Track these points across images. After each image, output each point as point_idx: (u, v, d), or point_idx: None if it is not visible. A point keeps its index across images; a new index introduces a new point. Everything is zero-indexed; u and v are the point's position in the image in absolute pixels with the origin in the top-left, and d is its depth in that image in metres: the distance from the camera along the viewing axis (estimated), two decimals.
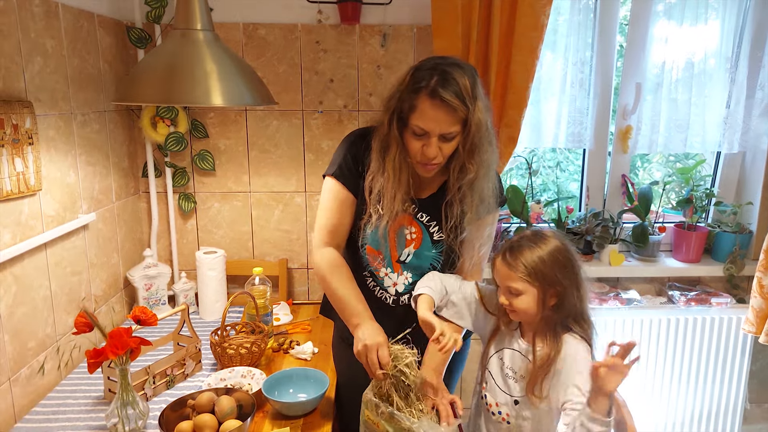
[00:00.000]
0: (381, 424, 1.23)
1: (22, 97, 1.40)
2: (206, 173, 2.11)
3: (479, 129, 1.23)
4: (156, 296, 2.01)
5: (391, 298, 1.43)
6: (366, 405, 1.28)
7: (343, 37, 2.01)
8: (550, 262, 1.20)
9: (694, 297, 2.14)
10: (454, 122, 1.20)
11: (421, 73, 1.21)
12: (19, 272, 1.40)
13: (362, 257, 1.42)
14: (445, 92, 1.17)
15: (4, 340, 1.35)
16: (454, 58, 1.26)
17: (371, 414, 1.26)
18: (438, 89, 1.17)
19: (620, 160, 2.22)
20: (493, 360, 1.32)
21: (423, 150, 1.24)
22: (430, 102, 1.18)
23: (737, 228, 2.17)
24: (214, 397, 1.30)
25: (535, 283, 1.20)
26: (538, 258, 1.20)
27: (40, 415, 1.39)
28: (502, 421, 1.28)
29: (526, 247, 1.22)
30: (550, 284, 1.20)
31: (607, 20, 2.06)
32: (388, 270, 1.41)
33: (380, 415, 1.22)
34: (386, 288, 1.43)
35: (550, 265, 1.20)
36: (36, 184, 1.44)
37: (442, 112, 1.18)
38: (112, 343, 1.17)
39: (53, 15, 1.53)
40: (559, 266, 1.20)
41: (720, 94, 2.08)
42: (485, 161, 1.28)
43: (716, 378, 2.15)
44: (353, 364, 1.31)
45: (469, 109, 1.20)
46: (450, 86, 1.17)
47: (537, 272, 1.19)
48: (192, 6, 1.28)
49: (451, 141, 1.24)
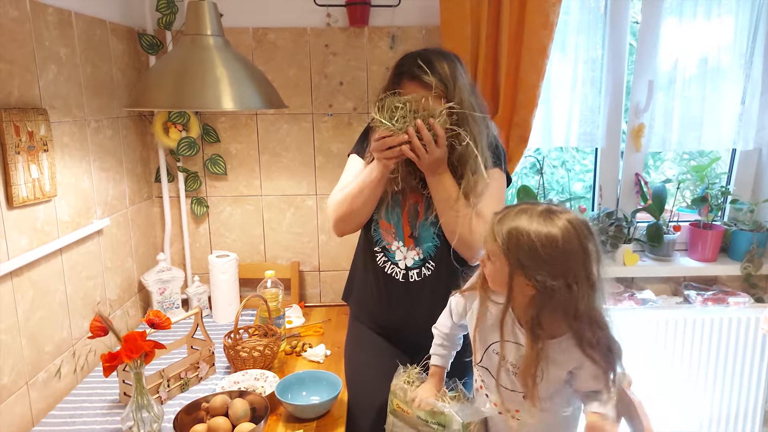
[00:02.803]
0: (412, 410, 1.24)
1: (36, 104, 1.42)
2: (218, 177, 2.12)
3: (460, 98, 1.31)
4: (170, 300, 2.03)
5: (401, 272, 1.48)
6: (394, 394, 1.29)
7: (352, 39, 2.01)
8: (532, 248, 1.02)
9: (710, 297, 2.10)
10: (433, 99, 1.30)
11: (403, 61, 1.37)
12: (35, 277, 1.42)
13: (374, 234, 1.50)
14: (422, 73, 1.30)
15: (21, 344, 1.37)
16: (438, 48, 1.40)
17: (400, 402, 1.27)
18: (416, 71, 1.31)
19: (633, 159, 2.20)
20: (488, 357, 1.22)
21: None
22: (409, 84, 1.33)
23: (754, 226, 2.14)
24: (228, 400, 1.31)
25: (507, 260, 1.06)
26: (525, 237, 1.03)
27: (57, 418, 1.41)
28: (512, 419, 1.22)
29: (524, 218, 1.06)
30: (523, 271, 1.04)
31: (617, 18, 2.04)
32: (400, 244, 1.47)
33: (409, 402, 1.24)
34: (397, 262, 1.48)
35: (530, 252, 1.03)
36: (51, 190, 1.46)
37: (421, 90, 1.31)
38: (127, 346, 1.18)
39: (67, 23, 1.55)
40: (541, 258, 1.02)
41: (734, 91, 2.05)
42: (475, 131, 1.34)
43: (735, 379, 2.11)
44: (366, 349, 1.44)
45: (448, 88, 1.31)
46: (428, 68, 1.30)
47: (512, 250, 1.04)
48: (202, 12, 1.29)
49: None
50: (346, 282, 1.72)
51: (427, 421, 1.24)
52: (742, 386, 2.12)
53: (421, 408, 1.25)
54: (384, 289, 1.52)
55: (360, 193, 1.41)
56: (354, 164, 1.52)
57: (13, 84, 1.34)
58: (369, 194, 1.41)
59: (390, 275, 1.50)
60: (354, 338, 1.63)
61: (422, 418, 1.24)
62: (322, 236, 2.18)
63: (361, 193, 1.41)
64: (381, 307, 1.54)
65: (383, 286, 1.52)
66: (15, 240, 1.34)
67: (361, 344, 1.60)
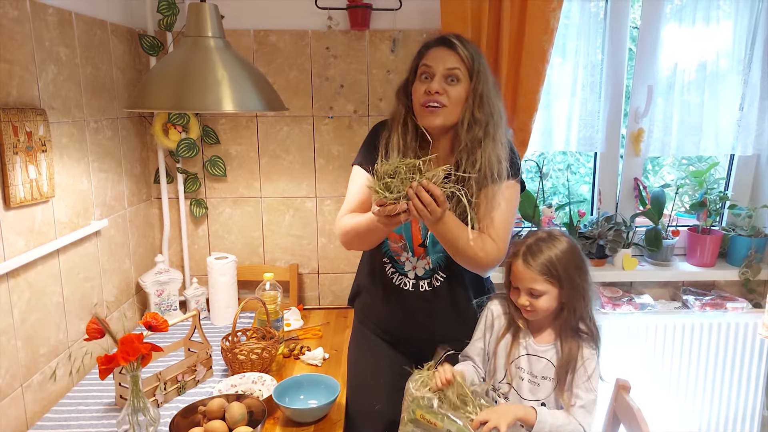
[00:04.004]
0: (440, 422, 1.19)
1: (35, 104, 1.42)
2: (218, 179, 2.11)
3: (486, 81, 1.32)
4: (167, 302, 2.02)
5: (411, 282, 1.46)
6: (417, 403, 1.24)
7: (353, 42, 2.01)
8: (566, 261, 1.24)
9: (709, 301, 2.10)
10: (458, 61, 1.30)
11: (427, 41, 1.38)
12: (32, 278, 1.41)
13: (382, 244, 1.46)
14: (450, 37, 1.32)
15: (16, 346, 1.36)
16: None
17: (425, 412, 1.22)
18: (443, 38, 1.34)
19: (632, 163, 2.20)
20: (509, 372, 1.32)
21: (428, 87, 1.30)
22: (435, 47, 1.33)
23: (752, 231, 2.14)
24: (225, 404, 1.30)
25: (555, 282, 1.24)
26: (556, 258, 1.24)
27: (52, 421, 1.39)
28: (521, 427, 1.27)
29: (544, 247, 1.26)
30: (568, 283, 1.24)
31: (617, 23, 2.04)
32: (409, 254, 1.45)
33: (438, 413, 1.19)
34: (406, 272, 1.46)
35: (566, 264, 1.24)
36: (49, 191, 1.45)
37: (447, 51, 1.31)
38: (124, 349, 1.17)
39: (67, 23, 1.55)
40: (574, 265, 1.25)
41: (733, 96, 2.05)
42: (495, 116, 1.32)
43: (733, 384, 2.11)
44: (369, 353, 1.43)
45: (474, 60, 1.31)
46: (458, 38, 1.33)
47: (557, 272, 1.23)
48: (203, 13, 1.29)
49: (457, 84, 1.31)
50: (352, 286, 1.67)
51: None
52: (740, 391, 2.12)
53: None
54: (392, 300, 1.48)
55: (366, 235, 1.37)
56: (358, 177, 1.46)
57: (12, 84, 1.33)
58: (375, 239, 1.39)
59: (398, 286, 1.47)
60: (357, 342, 1.62)
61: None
62: (322, 239, 2.18)
63: (368, 236, 1.37)
64: (389, 315, 1.52)
65: (392, 297, 1.48)
66: (12, 241, 1.33)
67: (362, 348, 1.59)
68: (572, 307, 1.26)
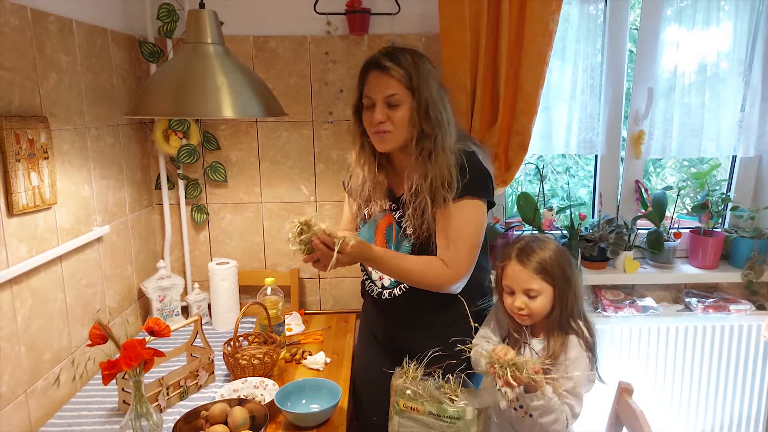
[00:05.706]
0: (421, 406, 1.27)
1: (37, 112, 1.43)
2: (218, 185, 2.12)
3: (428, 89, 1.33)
4: (169, 307, 2.02)
5: (377, 290, 1.55)
6: (400, 395, 1.30)
7: (352, 47, 2.02)
8: (559, 260, 1.30)
9: (711, 304, 2.10)
10: (396, 86, 1.32)
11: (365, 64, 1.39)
12: (35, 285, 1.42)
13: None
14: (384, 60, 1.33)
15: (20, 352, 1.36)
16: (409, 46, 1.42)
17: (407, 401, 1.28)
18: (379, 60, 1.35)
19: (633, 166, 2.20)
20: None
21: (371, 117, 1.34)
22: (373, 73, 1.35)
23: (755, 233, 2.13)
24: (227, 408, 1.30)
25: (550, 281, 1.28)
26: (549, 257, 1.29)
27: (56, 427, 1.40)
28: (524, 416, 1.27)
29: (536, 248, 1.30)
30: (562, 282, 1.29)
31: (616, 25, 2.04)
32: None
33: (418, 397, 1.26)
34: (374, 281, 1.56)
35: (559, 263, 1.29)
36: (51, 198, 1.46)
37: (384, 77, 1.33)
38: (126, 354, 1.17)
39: (67, 31, 1.56)
40: (566, 264, 1.31)
41: (734, 98, 2.05)
42: (443, 123, 1.34)
43: (737, 387, 2.10)
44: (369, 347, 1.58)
45: (411, 75, 1.32)
46: (391, 57, 1.33)
47: (551, 271, 1.28)
48: (203, 20, 1.30)
49: (399, 108, 1.33)
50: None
51: (440, 416, 1.26)
52: (744, 394, 2.10)
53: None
54: (372, 307, 1.63)
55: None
56: (347, 199, 1.62)
57: (14, 92, 1.34)
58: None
59: (368, 292, 1.60)
60: (361, 336, 1.78)
61: (434, 413, 1.26)
62: None
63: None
64: (374, 320, 1.66)
65: (370, 304, 1.65)
66: (15, 248, 1.34)
67: (363, 343, 1.75)
68: (563, 304, 1.30)
